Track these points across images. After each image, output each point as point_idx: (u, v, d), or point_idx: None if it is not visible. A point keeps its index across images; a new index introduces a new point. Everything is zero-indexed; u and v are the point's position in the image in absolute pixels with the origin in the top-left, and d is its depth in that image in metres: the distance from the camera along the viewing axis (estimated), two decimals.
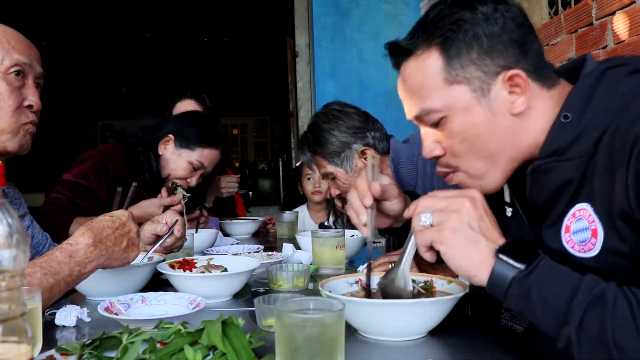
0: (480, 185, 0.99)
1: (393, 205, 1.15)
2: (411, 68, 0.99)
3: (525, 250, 0.85)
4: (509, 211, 1.08)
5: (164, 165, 2.13)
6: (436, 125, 0.98)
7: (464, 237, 0.85)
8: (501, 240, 0.86)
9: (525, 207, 1.02)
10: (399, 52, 1.01)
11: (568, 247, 0.91)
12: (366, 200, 1.05)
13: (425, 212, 0.90)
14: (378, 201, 1.10)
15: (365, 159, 1.76)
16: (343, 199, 1.92)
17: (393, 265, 1.47)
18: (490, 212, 0.90)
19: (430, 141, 1.00)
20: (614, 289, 0.76)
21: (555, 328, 0.78)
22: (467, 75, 0.93)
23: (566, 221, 0.92)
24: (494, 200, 1.20)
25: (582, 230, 0.89)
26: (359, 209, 1.07)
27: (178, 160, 2.11)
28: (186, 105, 2.64)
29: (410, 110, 1.01)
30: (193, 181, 2.15)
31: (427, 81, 0.96)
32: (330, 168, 1.80)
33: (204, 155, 2.12)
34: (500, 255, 0.83)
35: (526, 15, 0.96)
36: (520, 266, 0.82)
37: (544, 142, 0.93)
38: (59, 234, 1.58)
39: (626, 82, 0.89)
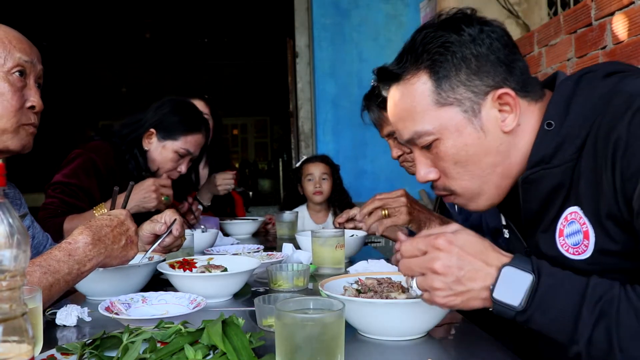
0: (477, 205, 1.00)
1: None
2: (401, 92, 0.99)
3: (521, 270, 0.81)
4: (506, 233, 1.11)
5: (152, 159, 2.12)
6: (428, 147, 0.98)
7: (456, 295, 0.82)
8: (491, 269, 0.82)
9: (519, 221, 1.02)
10: (387, 77, 1.01)
11: (562, 250, 0.92)
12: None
13: (410, 281, 0.88)
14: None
15: None
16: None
17: (385, 211, 1.51)
18: (466, 233, 0.85)
19: (424, 165, 1.01)
20: (617, 297, 0.75)
21: (564, 343, 0.78)
22: (458, 97, 0.93)
23: (559, 225, 0.93)
24: (493, 228, 1.23)
25: (574, 233, 0.90)
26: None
27: (164, 152, 2.11)
28: None
29: (402, 134, 1.01)
30: (183, 168, 2.16)
31: (417, 104, 0.96)
32: None
33: (188, 142, 2.12)
34: (495, 297, 0.81)
35: (510, 35, 0.97)
36: (516, 304, 0.80)
37: (530, 152, 0.94)
38: (54, 237, 1.58)
39: (601, 86, 0.90)
